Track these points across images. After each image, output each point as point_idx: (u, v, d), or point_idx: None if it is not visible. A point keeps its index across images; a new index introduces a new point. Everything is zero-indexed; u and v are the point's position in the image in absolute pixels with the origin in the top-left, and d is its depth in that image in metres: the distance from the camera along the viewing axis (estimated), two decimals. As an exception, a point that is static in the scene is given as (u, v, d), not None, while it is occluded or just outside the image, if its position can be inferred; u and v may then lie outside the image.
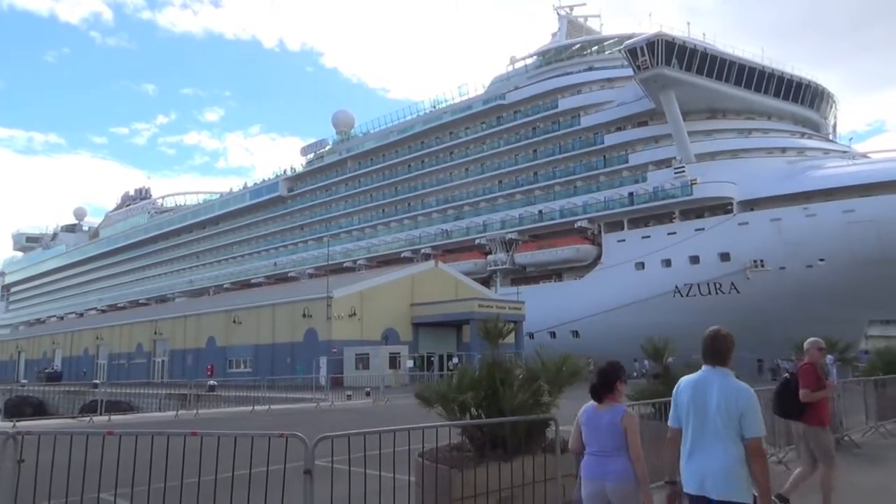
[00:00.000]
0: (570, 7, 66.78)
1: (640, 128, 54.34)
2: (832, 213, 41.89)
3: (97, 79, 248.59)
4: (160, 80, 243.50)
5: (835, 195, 42.47)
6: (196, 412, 22.49)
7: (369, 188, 73.70)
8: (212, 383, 33.45)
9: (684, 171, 48.96)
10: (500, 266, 59.35)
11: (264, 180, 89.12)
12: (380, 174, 72.97)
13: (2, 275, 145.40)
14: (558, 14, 66.03)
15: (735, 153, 50.14)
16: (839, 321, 30.96)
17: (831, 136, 56.89)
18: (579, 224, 54.76)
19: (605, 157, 55.76)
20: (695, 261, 47.14)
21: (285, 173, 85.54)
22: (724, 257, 45.89)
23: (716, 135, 51.71)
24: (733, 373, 3.89)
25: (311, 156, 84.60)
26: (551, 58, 63.06)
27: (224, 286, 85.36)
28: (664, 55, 46.89)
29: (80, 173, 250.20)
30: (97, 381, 40.36)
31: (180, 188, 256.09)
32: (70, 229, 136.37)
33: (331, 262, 65.04)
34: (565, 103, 58.40)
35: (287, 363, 42.87)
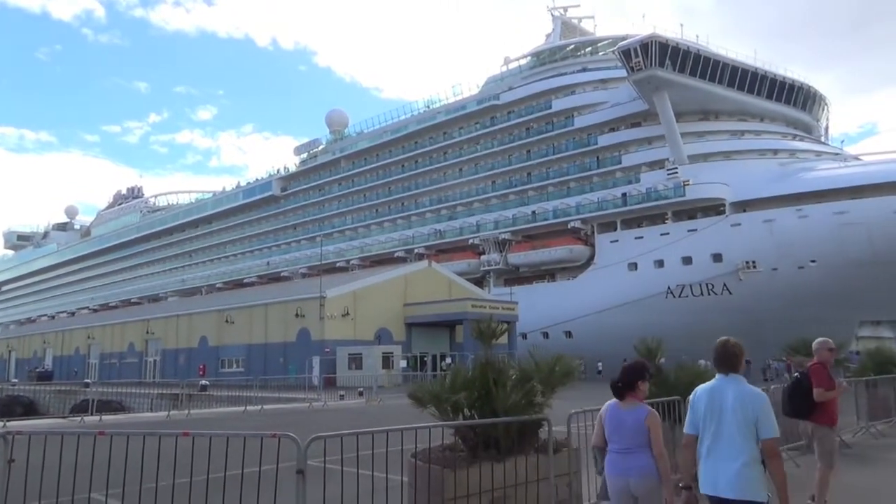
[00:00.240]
0: (565, 8, 66.91)
1: (634, 129, 54.50)
2: (824, 215, 42.14)
3: (89, 76, 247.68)
4: (153, 78, 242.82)
5: (826, 197, 42.72)
6: (188, 412, 22.43)
7: (363, 188, 73.63)
8: (204, 383, 33.28)
9: (677, 173, 49.14)
10: (494, 266, 59.41)
11: (257, 179, 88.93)
12: (373, 174, 72.93)
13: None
14: (552, 15, 66.13)
15: (727, 154, 50.36)
16: (830, 322, 31.11)
17: (823, 138, 57.20)
18: (572, 224, 54.88)
19: (598, 157, 55.91)
20: (687, 261, 47.31)
21: (278, 172, 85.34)
22: (717, 258, 46.08)
23: (708, 136, 51.92)
24: (745, 379, 4.09)
25: (305, 155, 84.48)
26: (545, 58, 63.15)
27: (216, 286, 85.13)
28: (657, 56, 47.05)
29: (71, 171, 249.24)
30: (88, 381, 40.22)
31: (173, 187, 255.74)
32: (61, 228, 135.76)
33: (324, 262, 64.88)
34: (559, 104, 58.52)
35: (280, 363, 42.81)
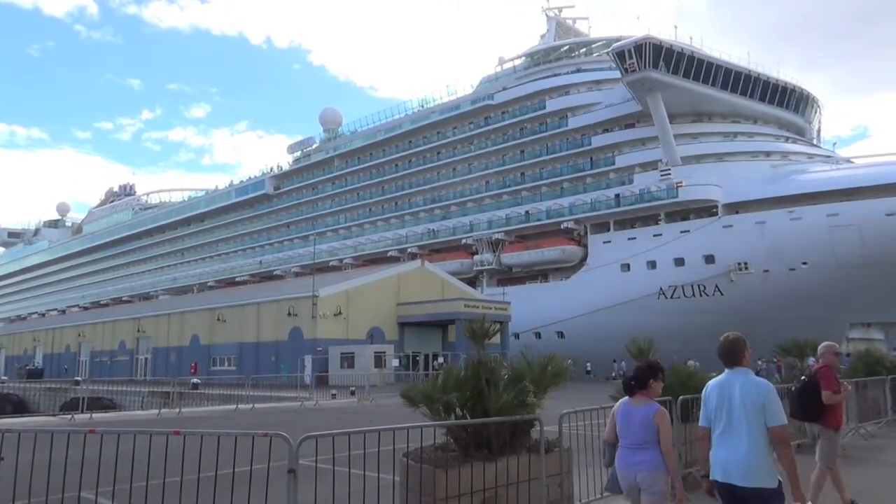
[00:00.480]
0: (559, 9, 67.02)
1: (627, 130, 54.62)
2: (816, 217, 42.32)
3: (81, 73, 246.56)
4: (146, 75, 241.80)
5: (818, 199, 42.91)
6: (179, 410, 22.39)
7: (356, 187, 73.52)
8: (195, 382, 33.21)
9: (670, 174, 49.29)
10: (487, 266, 59.44)
11: (250, 178, 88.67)
12: (367, 173, 72.84)
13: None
14: (547, 16, 66.24)
15: (720, 156, 50.51)
16: (821, 324, 31.28)
17: (815, 141, 57.44)
18: (566, 225, 54.95)
19: (591, 158, 56.01)
20: (679, 263, 47.45)
21: (272, 171, 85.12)
22: (709, 259, 46.24)
23: (701, 138, 52.06)
24: (751, 371, 4.35)
25: (298, 154, 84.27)
26: (539, 59, 63.22)
27: (209, 284, 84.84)
28: (651, 58, 47.16)
29: (63, 168, 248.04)
30: (79, 379, 39.99)
31: (165, 185, 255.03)
32: (53, 225, 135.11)
33: (317, 261, 64.84)
34: (553, 104, 58.59)
35: (272, 362, 42.69)
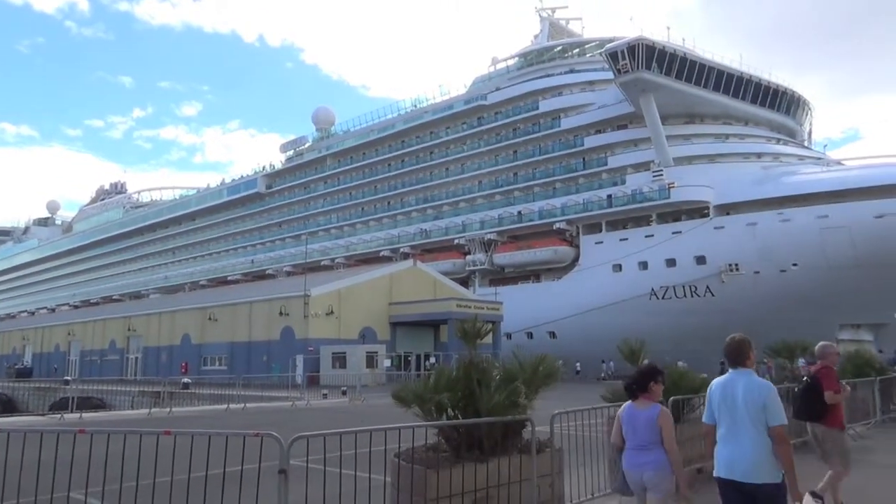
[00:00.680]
0: (553, 9, 67.12)
1: (620, 131, 54.76)
2: (806, 219, 42.54)
3: (72, 70, 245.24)
4: (137, 72, 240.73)
5: (809, 201, 43.13)
6: (170, 410, 22.29)
7: (349, 186, 73.43)
8: (186, 381, 33.09)
9: (662, 175, 49.44)
10: (479, 266, 59.48)
11: (242, 176, 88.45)
12: (359, 172, 72.75)
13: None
14: (540, 16, 66.34)
15: (712, 158, 50.70)
16: (811, 325, 31.43)
17: (806, 143, 57.75)
18: (558, 225, 55.05)
19: (584, 159, 56.12)
20: (671, 263, 47.61)
21: (264, 170, 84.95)
22: (700, 260, 46.41)
23: (693, 139, 52.26)
24: (754, 372, 4.52)
25: (291, 152, 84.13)
26: (533, 59, 63.31)
27: (200, 283, 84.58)
28: (644, 59, 47.30)
29: (53, 166, 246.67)
30: (68, 378, 39.73)
31: (156, 183, 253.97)
32: (42, 223, 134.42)
33: (309, 260, 64.74)
34: (546, 105, 58.69)
35: (263, 361, 42.59)
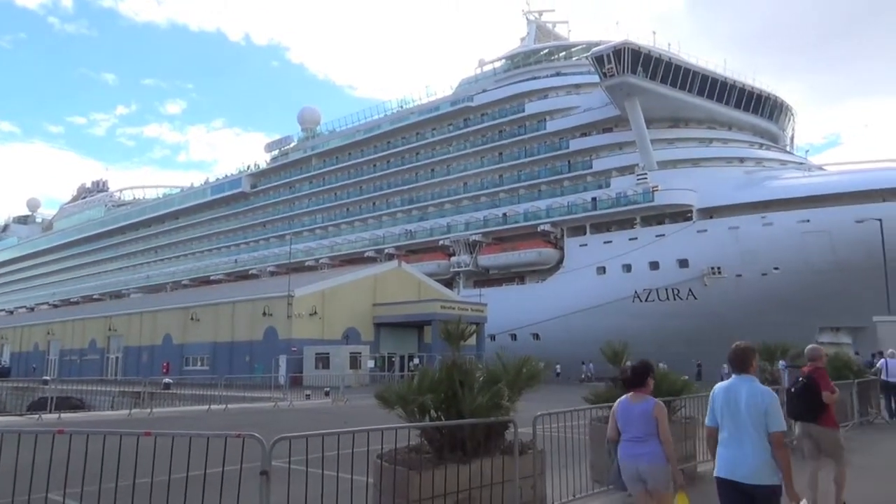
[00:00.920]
0: (540, 12, 67.33)
1: (605, 134, 55.07)
2: (788, 223, 42.99)
3: (55, 66, 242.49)
4: (121, 69, 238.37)
5: (791, 205, 43.58)
6: (150, 411, 22.06)
7: (334, 187, 73.22)
8: (167, 381, 32.79)
9: (646, 178, 49.76)
10: (464, 268, 59.53)
11: (227, 175, 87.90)
12: (345, 173, 72.57)
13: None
14: (527, 19, 66.54)
15: (696, 162, 51.11)
16: (792, 328, 31.71)
17: (788, 148, 58.40)
18: (542, 228, 55.22)
19: (569, 161, 56.37)
20: (654, 266, 47.91)
21: (249, 169, 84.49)
22: (683, 264, 46.74)
23: (678, 143, 52.68)
24: (756, 378, 4.68)
25: (276, 152, 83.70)
26: (519, 62, 63.50)
27: (182, 283, 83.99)
28: (630, 63, 47.60)
29: (34, 163, 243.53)
30: (47, 378, 39.20)
31: (139, 181, 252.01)
32: (22, 221, 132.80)
33: (293, 261, 64.48)
34: (532, 107, 58.87)
35: (246, 362, 42.37)
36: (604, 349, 9.27)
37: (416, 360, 43.07)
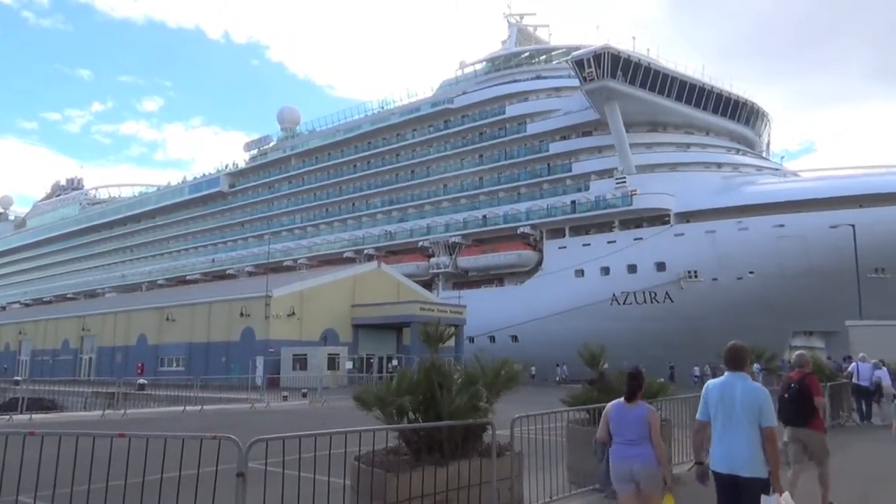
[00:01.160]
0: (521, 16, 67.65)
1: (585, 137, 55.42)
2: (763, 228, 43.59)
3: (29, 61, 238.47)
4: (96, 65, 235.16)
5: (766, 210, 44.21)
6: (124, 412, 21.79)
7: (313, 187, 72.90)
8: (141, 382, 32.40)
9: (625, 182, 50.17)
10: (443, 269, 59.55)
11: (205, 174, 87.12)
12: (324, 173, 72.28)
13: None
14: (508, 22, 66.79)
15: (674, 166, 51.66)
16: (766, 331, 32.18)
17: (765, 154, 59.19)
18: (522, 230, 55.44)
19: (549, 164, 56.66)
20: (632, 269, 48.32)
21: (227, 168, 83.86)
22: (660, 267, 47.19)
23: (656, 148, 53.16)
24: (749, 376, 4.87)
25: (255, 151, 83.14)
26: (500, 64, 63.72)
27: (158, 282, 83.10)
28: (610, 68, 47.98)
29: (6, 159, 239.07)
30: (18, 378, 38.57)
31: (115, 179, 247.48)
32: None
33: (271, 261, 64.08)
34: (512, 110, 59.10)
35: (222, 362, 42.00)
36: (581, 352, 9.31)
37: (394, 362, 43.00)
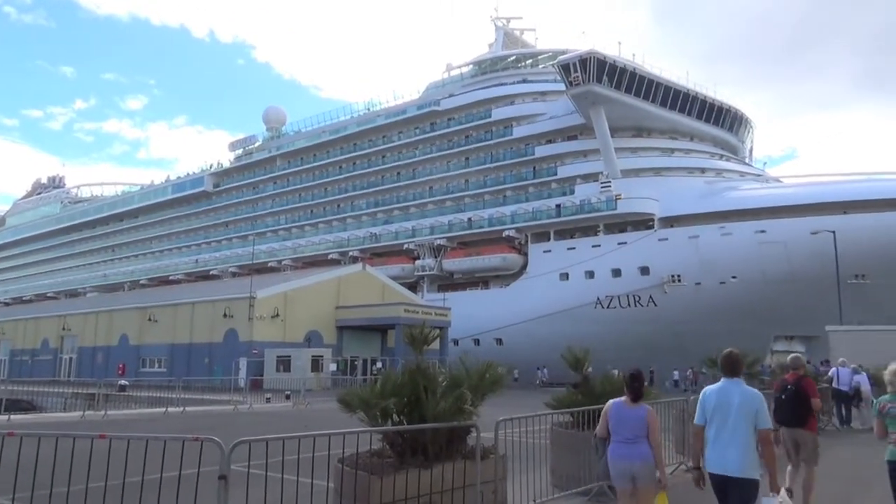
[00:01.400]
0: (508, 19, 67.84)
1: (570, 141, 55.65)
2: (745, 233, 44.00)
3: (10, 57, 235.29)
4: (80, 63, 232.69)
5: (748, 216, 44.63)
6: (105, 413, 21.59)
7: (298, 188, 72.61)
8: (122, 383, 32.13)
9: (610, 186, 50.42)
10: (428, 272, 59.51)
11: (189, 174, 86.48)
12: (310, 174, 72.03)
13: None
14: (495, 25, 66.95)
15: (658, 171, 52.00)
16: (748, 336, 32.49)
17: (747, 160, 59.75)
18: (507, 233, 55.53)
19: (534, 168, 56.83)
20: (616, 273, 48.56)
21: (211, 168, 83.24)
22: (644, 271, 47.48)
23: (641, 152, 53.49)
24: (744, 381, 5.13)
25: (240, 151, 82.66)
26: (487, 68, 63.86)
27: (140, 282, 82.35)
28: (595, 72, 48.24)
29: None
30: (-3, 378, 38.15)
31: (97, 178, 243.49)
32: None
33: (255, 262, 63.70)
34: (498, 113, 59.23)
35: (205, 364, 41.70)
36: (565, 355, 9.33)
37: (378, 364, 42.91)
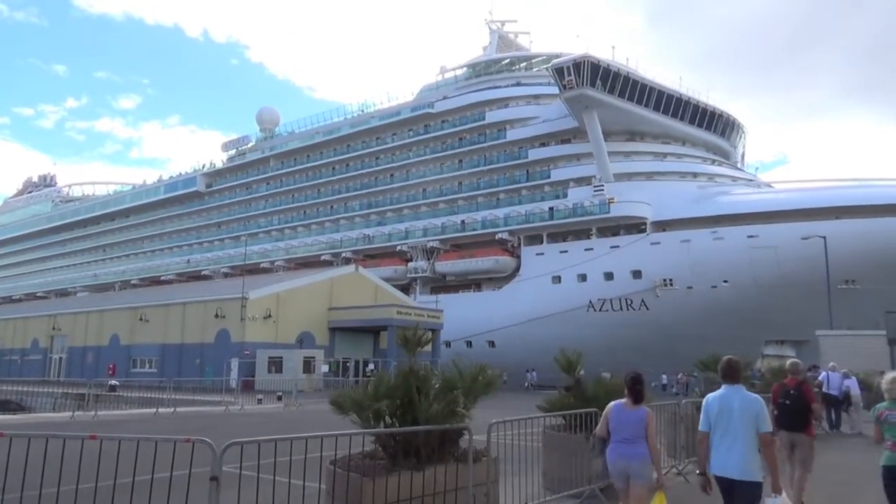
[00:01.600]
0: (502, 22, 67.96)
1: (563, 145, 55.79)
2: (737, 238, 44.20)
3: (1, 55, 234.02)
4: (72, 61, 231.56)
5: (740, 220, 44.84)
6: (95, 413, 21.47)
7: (291, 188, 72.47)
8: (113, 383, 31.99)
9: (603, 190, 50.56)
10: (421, 274, 59.52)
11: (181, 174, 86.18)
12: (303, 175, 71.91)
13: None
14: (490, 28, 67.05)
15: (650, 175, 52.18)
16: (739, 340, 32.58)
17: (739, 165, 60.00)
18: (500, 236, 55.60)
19: (528, 171, 56.93)
20: (609, 277, 48.68)
21: (204, 168, 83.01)
22: (637, 275, 47.60)
23: (633, 156, 53.67)
24: (744, 387, 5.28)
25: (233, 152, 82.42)
26: (481, 70, 63.95)
27: (132, 282, 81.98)
28: (589, 76, 48.37)
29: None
30: (-15, 378, 37.90)
31: (89, 177, 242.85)
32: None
33: (248, 262, 63.55)
34: (492, 116, 59.31)
35: (196, 364, 41.52)
36: (558, 358, 9.33)
37: (371, 366, 42.84)
